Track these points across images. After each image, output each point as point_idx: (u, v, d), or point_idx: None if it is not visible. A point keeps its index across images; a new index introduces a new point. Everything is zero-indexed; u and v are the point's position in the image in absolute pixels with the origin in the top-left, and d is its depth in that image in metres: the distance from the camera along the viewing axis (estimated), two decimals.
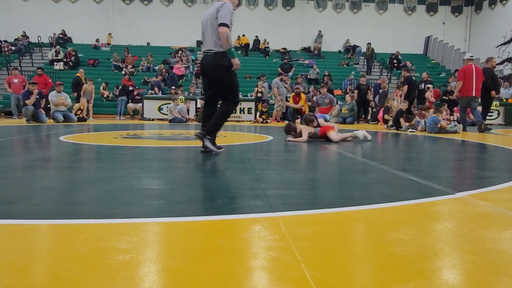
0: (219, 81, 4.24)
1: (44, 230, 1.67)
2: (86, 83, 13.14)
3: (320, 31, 22.50)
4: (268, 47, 21.73)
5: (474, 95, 8.87)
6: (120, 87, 14.61)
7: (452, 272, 1.27)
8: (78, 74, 13.94)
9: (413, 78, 11.51)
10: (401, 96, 10.57)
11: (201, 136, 4.19)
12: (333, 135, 5.77)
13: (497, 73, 10.08)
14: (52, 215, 1.85)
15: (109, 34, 21.79)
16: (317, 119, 6.10)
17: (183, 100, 12.68)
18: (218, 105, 4.43)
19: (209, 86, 4.38)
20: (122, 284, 1.12)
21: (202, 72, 4.40)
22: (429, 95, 12.88)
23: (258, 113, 12.88)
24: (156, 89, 14.66)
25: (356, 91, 13.60)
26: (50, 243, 1.51)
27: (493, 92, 9.53)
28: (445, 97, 14.93)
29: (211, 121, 4.23)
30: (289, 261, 1.31)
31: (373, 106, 13.97)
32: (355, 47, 22.08)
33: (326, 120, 8.22)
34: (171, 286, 1.13)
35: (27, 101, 10.50)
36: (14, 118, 12.60)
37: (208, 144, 4.17)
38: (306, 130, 5.81)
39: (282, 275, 1.21)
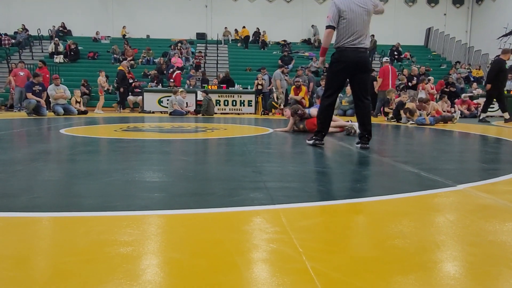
0: (366, 79, 4.13)
1: (45, 223, 1.67)
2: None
3: (313, 25, 22.15)
4: (268, 40, 21.58)
5: (390, 88, 11.10)
6: None
7: (453, 264, 1.28)
8: (121, 68, 13.63)
9: None
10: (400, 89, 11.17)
11: (317, 144, 4.25)
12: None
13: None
14: (53, 208, 1.85)
15: (124, 27, 21.55)
16: (303, 110, 6.16)
17: (182, 92, 12.64)
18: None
19: (342, 84, 4.20)
20: (124, 277, 1.12)
21: (348, 68, 4.03)
22: (428, 87, 12.83)
23: (267, 105, 12.92)
24: (188, 81, 14.58)
25: None
26: (51, 236, 1.52)
27: (487, 86, 9.51)
28: (446, 89, 14.87)
29: (367, 127, 4.07)
30: (290, 253, 1.31)
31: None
32: None
33: None
34: (172, 278, 1.14)
35: (28, 94, 10.54)
36: (15, 111, 12.60)
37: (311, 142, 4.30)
38: (291, 121, 6.19)
39: (283, 267, 1.21)
